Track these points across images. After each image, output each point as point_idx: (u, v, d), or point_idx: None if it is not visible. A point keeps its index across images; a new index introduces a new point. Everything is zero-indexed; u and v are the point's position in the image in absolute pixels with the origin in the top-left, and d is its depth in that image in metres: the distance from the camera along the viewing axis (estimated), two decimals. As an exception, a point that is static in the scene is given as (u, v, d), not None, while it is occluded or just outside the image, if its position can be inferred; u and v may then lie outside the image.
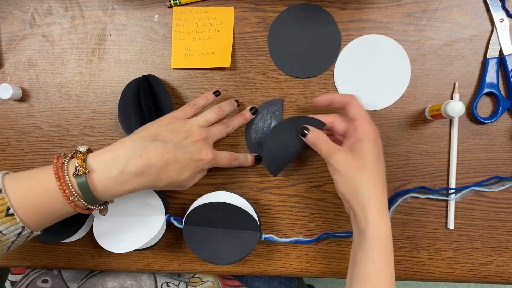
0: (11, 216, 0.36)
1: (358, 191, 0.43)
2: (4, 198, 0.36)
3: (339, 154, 0.44)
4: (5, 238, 0.37)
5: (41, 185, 0.38)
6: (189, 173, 0.45)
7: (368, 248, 0.42)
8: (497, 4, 0.52)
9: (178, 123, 0.47)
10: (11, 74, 0.58)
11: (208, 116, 0.50)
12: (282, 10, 0.55)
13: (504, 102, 0.52)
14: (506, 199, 0.54)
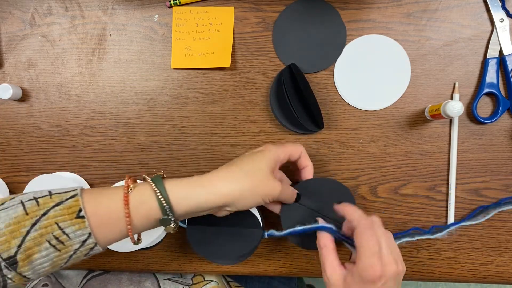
0: (81, 218, 0.35)
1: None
2: (79, 200, 0.36)
3: (332, 280, 0.40)
4: (70, 243, 0.35)
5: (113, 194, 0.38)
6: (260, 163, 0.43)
7: None
8: (497, 4, 0.52)
9: None
10: (11, 74, 0.58)
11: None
12: (285, 7, 0.55)
13: (504, 102, 0.52)
14: (506, 199, 0.54)
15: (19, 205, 0.35)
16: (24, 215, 0.35)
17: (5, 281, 0.35)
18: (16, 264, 0.34)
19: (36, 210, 0.35)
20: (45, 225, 0.34)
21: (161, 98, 0.57)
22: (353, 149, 0.55)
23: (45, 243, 0.35)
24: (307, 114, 0.53)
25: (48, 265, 0.36)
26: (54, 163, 0.58)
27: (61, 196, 0.36)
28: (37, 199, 0.36)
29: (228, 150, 0.56)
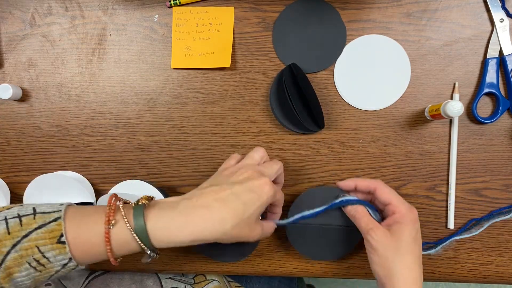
0: (62, 244, 0.35)
1: (393, 275, 0.42)
2: (61, 224, 0.36)
3: (378, 232, 0.44)
4: (50, 266, 0.36)
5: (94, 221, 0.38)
6: (251, 209, 0.41)
7: None
8: (497, 4, 0.52)
9: (230, 169, 0.45)
10: (11, 74, 0.58)
11: (255, 157, 0.46)
12: (285, 7, 0.55)
13: (504, 102, 0.52)
14: (506, 199, 0.54)
15: (3, 222, 0.35)
16: (6, 234, 0.34)
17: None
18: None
19: (18, 230, 0.35)
20: (26, 247, 0.34)
21: (161, 98, 0.57)
22: (353, 149, 0.55)
23: (25, 264, 0.35)
24: (308, 114, 0.53)
25: (30, 283, 0.36)
26: (54, 163, 0.58)
27: (44, 217, 0.36)
28: (21, 218, 0.36)
29: (228, 150, 0.56)
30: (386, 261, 0.43)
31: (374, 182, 0.47)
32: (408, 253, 0.43)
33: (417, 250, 0.44)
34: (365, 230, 0.45)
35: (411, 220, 0.44)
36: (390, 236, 0.43)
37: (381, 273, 0.43)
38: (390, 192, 0.46)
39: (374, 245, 0.44)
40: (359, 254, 0.55)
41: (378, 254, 0.43)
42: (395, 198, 0.45)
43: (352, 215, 0.47)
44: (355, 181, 0.48)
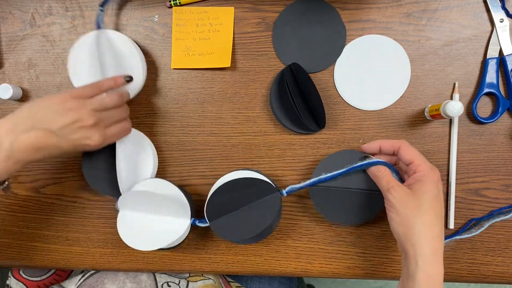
0: None
1: (413, 232, 0.42)
2: None
3: (399, 190, 0.44)
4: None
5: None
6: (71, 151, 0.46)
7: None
8: (497, 4, 0.52)
9: (72, 103, 0.45)
10: (11, 74, 0.58)
11: (106, 101, 0.48)
12: (285, 7, 0.55)
13: (504, 102, 0.52)
14: (506, 199, 0.54)
15: None
16: None
17: None
18: None
19: None
20: None
21: (161, 98, 0.57)
22: (353, 149, 0.55)
23: None
24: (309, 114, 0.53)
25: None
26: (54, 163, 0.58)
27: None
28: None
29: (228, 150, 0.56)
30: (406, 219, 0.42)
31: (398, 142, 0.47)
32: (428, 211, 0.42)
33: (438, 208, 0.43)
34: (385, 188, 0.45)
35: (433, 179, 0.44)
36: (410, 194, 0.43)
37: (401, 231, 0.43)
38: (414, 151, 0.46)
39: (394, 203, 0.43)
40: (359, 254, 0.55)
41: (398, 212, 0.43)
42: (418, 157, 0.45)
43: (374, 174, 0.47)
44: (379, 142, 0.49)
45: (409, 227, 0.42)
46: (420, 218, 0.42)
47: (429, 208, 0.42)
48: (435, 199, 0.43)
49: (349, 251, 0.55)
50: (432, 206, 0.43)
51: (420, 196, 0.43)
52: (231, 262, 0.57)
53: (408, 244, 0.42)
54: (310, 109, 0.53)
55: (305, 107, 0.53)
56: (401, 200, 0.43)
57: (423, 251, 0.41)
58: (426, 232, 0.42)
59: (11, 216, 0.59)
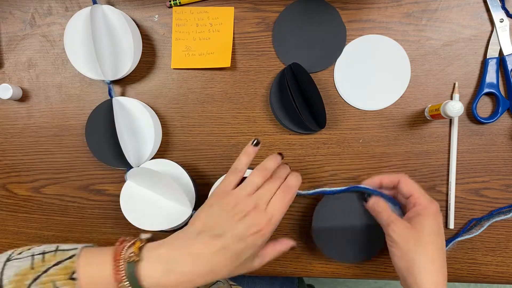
0: (73, 280, 0.37)
1: (414, 266, 0.42)
2: (74, 262, 0.38)
3: (399, 225, 0.44)
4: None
5: (102, 264, 0.39)
6: (248, 253, 0.40)
7: None
8: (497, 4, 0.52)
9: (227, 201, 0.42)
10: (11, 74, 0.58)
11: (255, 181, 0.43)
12: (285, 7, 0.55)
13: (504, 102, 0.52)
14: (506, 199, 0.54)
15: (30, 258, 0.38)
16: (30, 269, 0.37)
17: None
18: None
19: (40, 266, 0.38)
20: (44, 281, 0.37)
21: (161, 98, 0.57)
22: (353, 149, 0.55)
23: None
24: (310, 114, 0.53)
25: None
26: (54, 163, 0.58)
27: (63, 254, 0.39)
28: (44, 254, 0.39)
29: (228, 150, 0.56)
30: (407, 253, 0.42)
31: (397, 176, 0.48)
32: (429, 245, 0.42)
33: (439, 242, 0.43)
34: (386, 223, 0.45)
35: (432, 212, 0.44)
36: (411, 228, 0.43)
37: (402, 265, 0.43)
38: (413, 184, 0.46)
39: (395, 238, 0.43)
40: (359, 254, 0.55)
41: (399, 247, 0.43)
42: (417, 190, 0.46)
43: (373, 209, 0.47)
44: (380, 178, 0.49)
45: (410, 262, 0.42)
46: (421, 252, 0.42)
47: (429, 242, 0.42)
48: (436, 233, 0.43)
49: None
50: (432, 240, 0.43)
51: (420, 230, 0.43)
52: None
53: (410, 279, 0.42)
54: (310, 108, 0.53)
55: (305, 107, 0.53)
56: (402, 235, 0.43)
57: (426, 286, 0.41)
58: (428, 266, 0.42)
59: (12, 216, 0.59)
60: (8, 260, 0.38)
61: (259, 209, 0.41)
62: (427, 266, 0.42)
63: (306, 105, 0.53)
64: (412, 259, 0.42)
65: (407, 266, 0.42)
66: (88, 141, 0.55)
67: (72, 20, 0.53)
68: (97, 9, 0.52)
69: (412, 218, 0.44)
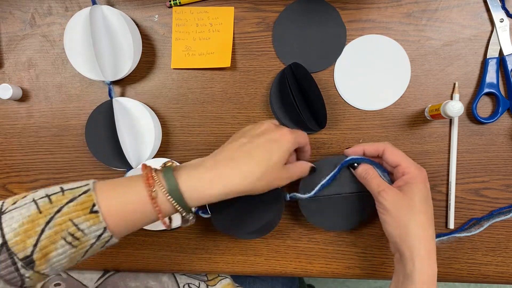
0: (95, 213, 0.35)
1: (407, 234, 0.42)
2: (92, 195, 0.36)
3: (390, 192, 0.44)
4: (85, 239, 0.35)
5: (128, 188, 0.38)
6: (275, 156, 0.41)
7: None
8: (497, 4, 0.52)
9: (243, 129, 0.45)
10: (11, 74, 0.58)
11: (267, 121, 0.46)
12: (285, 7, 0.55)
13: (504, 102, 0.52)
14: (506, 199, 0.54)
15: (32, 203, 0.35)
16: (38, 214, 0.34)
17: (22, 280, 0.34)
18: (33, 263, 0.34)
19: (49, 208, 0.35)
20: (60, 222, 0.34)
21: (161, 98, 0.57)
22: (353, 149, 0.55)
23: (60, 240, 0.34)
24: (310, 113, 0.53)
25: (66, 262, 0.36)
26: (54, 163, 0.58)
27: (73, 192, 0.36)
28: (49, 196, 0.36)
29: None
30: (400, 221, 0.43)
31: (382, 145, 0.47)
32: (421, 212, 0.43)
33: (429, 209, 0.44)
34: (376, 191, 0.45)
35: (422, 179, 0.44)
36: (402, 196, 0.44)
37: (395, 232, 0.43)
38: (399, 153, 0.46)
39: (386, 206, 0.44)
40: (359, 254, 0.55)
41: (391, 214, 0.43)
42: (404, 159, 0.46)
43: (362, 177, 0.47)
44: (362, 146, 0.49)
45: (403, 229, 0.43)
46: (414, 219, 0.42)
47: (421, 209, 0.43)
48: (426, 200, 0.44)
49: (349, 251, 0.55)
50: (424, 208, 0.43)
51: (412, 197, 0.43)
52: (231, 262, 0.57)
53: (403, 246, 0.42)
54: (310, 108, 0.53)
55: (306, 107, 0.53)
56: (394, 202, 0.43)
57: (420, 252, 0.41)
58: (421, 233, 0.42)
59: (11, 216, 0.59)
60: (2, 213, 0.34)
61: (276, 124, 0.45)
62: (420, 233, 0.42)
63: (307, 105, 0.53)
64: (405, 226, 0.42)
65: (400, 233, 0.43)
66: (88, 141, 0.55)
67: (72, 20, 0.53)
68: (97, 10, 0.52)
69: (402, 187, 0.44)
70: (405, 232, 0.42)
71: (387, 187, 0.45)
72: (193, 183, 0.39)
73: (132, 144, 0.53)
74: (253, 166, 0.40)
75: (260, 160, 0.41)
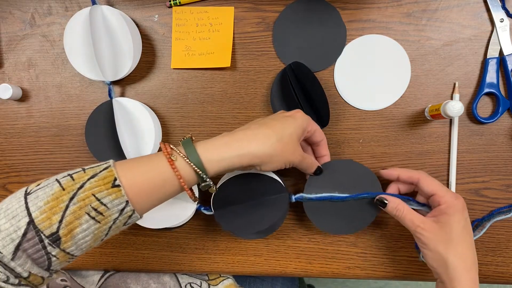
0: (117, 187, 0.36)
1: (447, 266, 0.42)
2: (112, 171, 0.37)
3: (426, 227, 0.44)
4: (109, 213, 0.36)
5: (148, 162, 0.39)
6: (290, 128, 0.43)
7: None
8: (497, 4, 0.52)
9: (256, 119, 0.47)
10: (11, 74, 0.58)
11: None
12: (285, 7, 0.55)
13: (504, 102, 0.52)
14: (506, 199, 0.54)
15: (55, 182, 0.36)
16: (61, 191, 0.35)
17: (49, 259, 0.35)
18: (59, 240, 0.34)
19: (72, 184, 0.36)
20: (83, 197, 0.35)
21: (161, 98, 0.57)
22: (353, 149, 0.55)
23: (84, 215, 0.35)
24: (313, 112, 0.53)
25: (90, 239, 0.36)
26: (54, 163, 0.58)
27: (94, 169, 0.37)
28: (72, 175, 0.36)
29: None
30: (439, 254, 0.43)
31: (417, 173, 0.47)
32: (459, 243, 0.43)
33: (468, 238, 0.44)
34: (412, 228, 0.45)
35: (459, 209, 0.44)
36: (438, 229, 0.43)
37: (434, 264, 0.44)
38: (434, 182, 0.46)
39: (424, 241, 0.44)
40: (359, 254, 0.55)
41: (430, 248, 0.44)
42: (440, 188, 0.45)
43: (394, 214, 0.47)
44: (398, 171, 0.48)
45: (442, 261, 0.43)
46: (452, 251, 0.43)
47: (459, 240, 0.43)
48: (464, 229, 0.44)
49: (349, 251, 0.55)
50: (462, 238, 0.43)
51: (449, 229, 0.43)
52: (231, 262, 0.57)
53: (444, 276, 0.43)
54: (313, 107, 0.53)
55: (308, 106, 0.53)
56: (431, 237, 0.43)
57: (460, 284, 0.42)
58: (460, 264, 0.42)
59: (11, 216, 0.59)
60: (28, 194, 0.35)
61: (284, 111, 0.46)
62: (459, 264, 0.42)
63: (309, 104, 0.53)
64: (445, 259, 0.43)
65: (439, 265, 0.43)
66: (88, 141, 0.55)
67: (72, 20, 0.53)
68: (97, 10, 0.52)
69: (439, 217, 0.44)
70: (444, 264, 0.43)
71: (421, 222, 0.44)
72: (211, 147, 0.41)
73: (132, 144, 0.53)
74: (269, 132, 0.41)
75: (276, 128, 0.42)
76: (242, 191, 0.48)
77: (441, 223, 0.44)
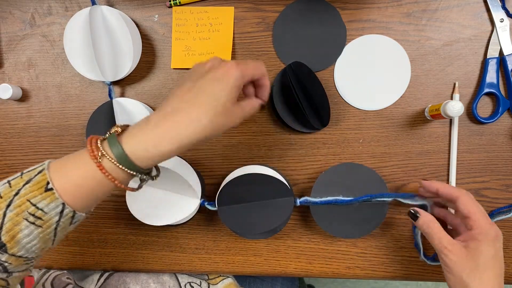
0: (50, 191, 0.35)
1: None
2: (45, 174, 0.36)
3: (453, 251, 0.42)
4: (48, 217, 0.36)
5: (78, 163, 0.38)
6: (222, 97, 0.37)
7: None
8: (497, 4, 0.52)
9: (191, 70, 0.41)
10: (11, 74, 0.58)
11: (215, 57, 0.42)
12: (285, 7, 0.55)
13: (504, 102, 0.52)
14: (506, 199, 0.54)
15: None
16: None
17: (2, 265, 0.35)
18: (4, 246, 0.35)
19: (9, 192, 0.36)
20: (19, 204, 0.35)
21: (161, 98, 0.57)
22: (353, 149, 0.55)
23: (23, 221, 0.35)
24: (313, 112, 0.53)
25: (37, 242, 0.36)
26: (54, 163, 0.58)
27: (30, 174, 0.37)
28: (10, 182, 0.36)
29: (228, 150, 0.56)
30: (461, 280, 0.41)
31: (457, 192, 0.44)
32: (486, 271, 0.41)
33: (497, 268, 0.42)
34: (438, 247, 0.43)
35: (490, 237, 0.42)
36: (466, 254, 0.42)
37: None
38: (473, 204, 0.43)
39: (448, 264, 0.42)
40: (359, 254, 0.55)
41: (453, 273, 0.42)
42: (476, 212, 0.43)
43: (424, 231, 0.45)
44: (437, 185, 0.46)
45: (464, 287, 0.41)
46: (477, 278, 0.41)
47: (486, 268, 0.41)
48: (493, 258, 0.42)
49: (349, 251, 0.55)
50: (489, 265, 0.41)
51: (477, 257, 0.41)
52: (231, 262, 0.57)
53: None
54: (313, 106, 0.53)
55: (309, 105, 0.53)
56: (456, 262, 0.42)
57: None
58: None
59: (11, 216, 0.59)
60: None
61: (221, 60, 0.40)
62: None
63: (309, 104, 0.53)
64: (466, 285, 0.41)
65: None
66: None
67: (72, 20, 0.53)
68: (96, 10, 0.52)
69: (469, 242, 0.42)
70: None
71: (450, 244, 0.42)
72: (140, 144, 0.37)
73: None
74: (199, 114, 0.37)
75: (206, 105, 0.37)
76: (248, 191, 0.49)
77: (470, 248, 0.42)
